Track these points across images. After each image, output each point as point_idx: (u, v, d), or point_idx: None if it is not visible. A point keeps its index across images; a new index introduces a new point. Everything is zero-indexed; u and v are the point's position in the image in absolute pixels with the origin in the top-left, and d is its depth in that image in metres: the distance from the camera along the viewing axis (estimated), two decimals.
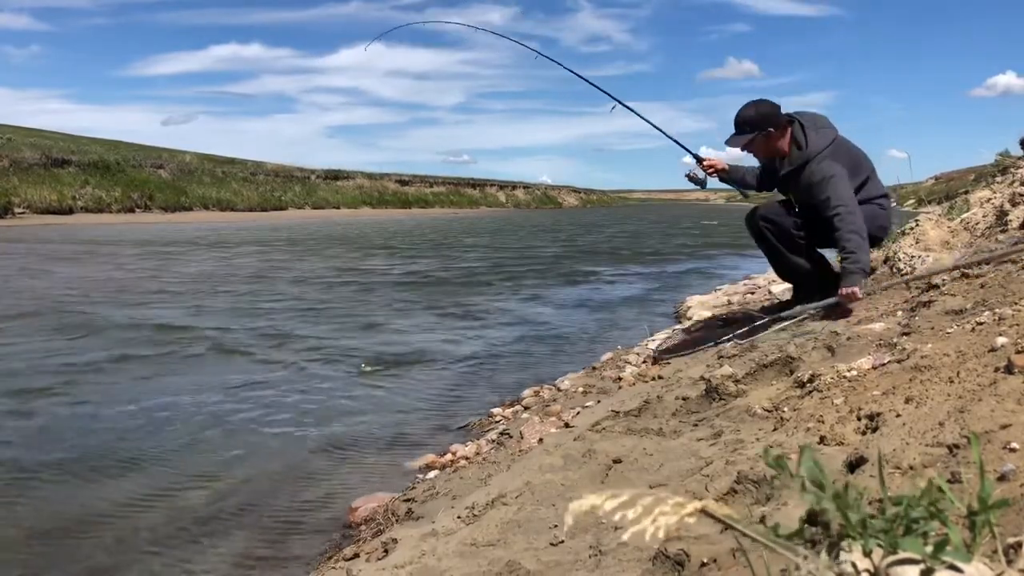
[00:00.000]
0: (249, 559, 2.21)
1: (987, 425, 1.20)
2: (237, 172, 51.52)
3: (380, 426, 3.49)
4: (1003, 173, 4.93)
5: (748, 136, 3.55)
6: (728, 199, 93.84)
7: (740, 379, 2.39)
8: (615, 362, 4.01)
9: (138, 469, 2.93)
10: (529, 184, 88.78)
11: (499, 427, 3.19)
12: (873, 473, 1.24)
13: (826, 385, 1.90)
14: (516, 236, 22.17)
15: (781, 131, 3.56)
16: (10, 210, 30.48)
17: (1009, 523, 0.87)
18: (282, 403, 3.84)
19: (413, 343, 5.42)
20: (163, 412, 3.66)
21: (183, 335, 5.67)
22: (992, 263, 2.62)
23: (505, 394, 3.92)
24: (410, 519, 2.22)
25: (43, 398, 3.88)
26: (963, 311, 2.20)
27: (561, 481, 1.93)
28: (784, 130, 3.57)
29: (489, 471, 2.44)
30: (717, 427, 2.04)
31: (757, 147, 3.59)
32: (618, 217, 45.44)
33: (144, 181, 40.77)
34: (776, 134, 3.55)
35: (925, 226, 3.75)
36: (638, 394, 2.89)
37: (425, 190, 67.45)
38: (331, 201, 53.72)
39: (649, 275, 9.56)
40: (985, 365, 1.50)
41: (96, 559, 2.21)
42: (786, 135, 3.59)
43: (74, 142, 51.15)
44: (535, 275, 10.38)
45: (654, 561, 1.28)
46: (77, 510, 2.54)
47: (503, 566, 1.52)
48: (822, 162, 3.48)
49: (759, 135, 3.54)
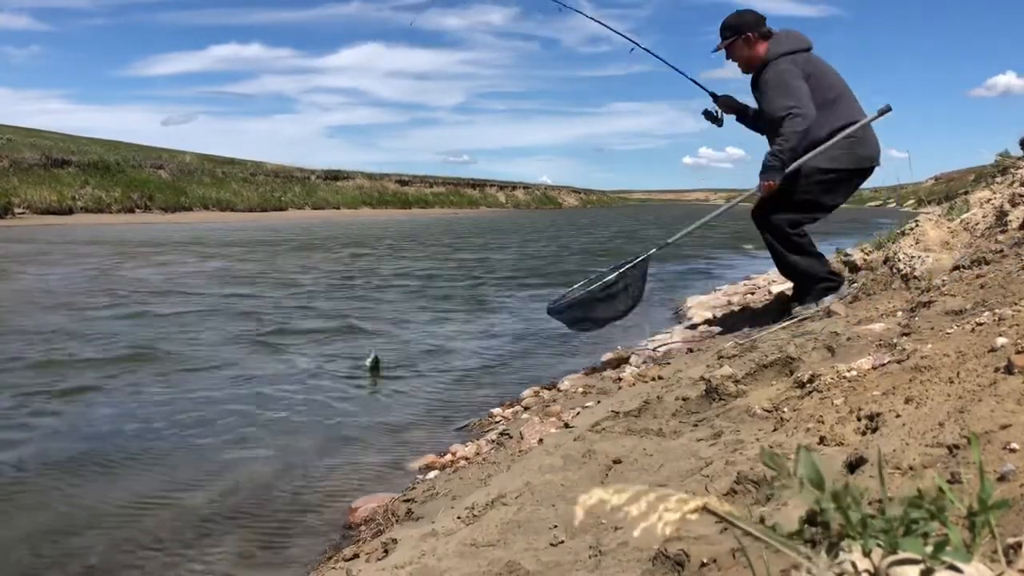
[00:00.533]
0: (249, 559, 2.21)
1: (987, 425, 1.20)
2: (237, 172, 51.52)
3: (380, 426, 3.49)
4: (1003, 173, 4.93)
5: (728, 40, 3.62)
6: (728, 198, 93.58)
7: (740, 379, 2.39)
8: (615, 362, 4.01)
9: (137, 469, 2.93)
10: (529, 184, 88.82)
11: (499, 427, 3.19)
12: (873, 473, 1.24)
13: (826, 385, 1.90)
14: (516, 236, 22.18)
15: (760, 38, 3.58)
16: (10, 210, 30.48)
17: (1009, 523, 0.87)
18: (281, 403, 3.84)
19: (413, 343, 5.42)
20: (161, 412, 3.65)
21: (180, 335, 5.67)
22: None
23: (505, 394, 3.92)
24: (410, 519, 2.22)
25: (41, 398, 3.88)
26: (963, 311, 2.20)
27: (561, 481, 1.93)
28: (764, 38, 3.58)
29: (489, 471, 2.44)
30: (717, 427, 2.04)
31: (737, 52, 3.63)
32: (617, 217, 45.43)
33: (144, 181, 40.76)
34: (754, 39, 3.57)
35: (925, 226, 3.75)
36: (638, 394, 2.88)
37: (425, 190, 67.45)
38: (331, 201, 53.72)
39: (649, 275, 9.55)
40: (985, 365, 1.50)
41: (96, 559, 2.21)
42: (764, 43, 3.58)
43: (74, 142, 51.16)
44: (535, 275, 10.38)
45: (654, 561, 1.28)
46: (76, 510, 2.53)
47: (503, 566, 1.52)
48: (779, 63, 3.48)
49: (738, 39, 3.59)
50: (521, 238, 21.13)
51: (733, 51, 3.63)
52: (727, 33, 3.62)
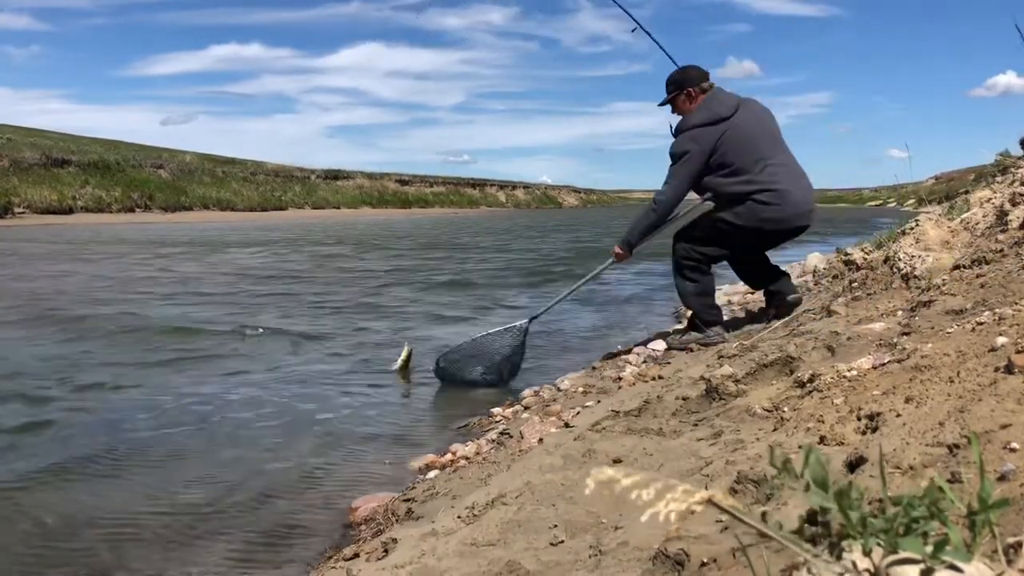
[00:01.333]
0: (249, 559, 2.21)
1: (987, 425, 1.20)
2: (237, 172, 51.53)
3: (380, 425, 3.49)
4: (1003, 173, 4.93)
5: (671, 95, 3.87)
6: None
7: (740, 379, 2.39)
8: (615, 362, 4.02)
9: (136, 469, 2.93)
10: (529, 184, 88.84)
11: (499, 427, 3.19)
12: (873, 473, 1.24)
13: (826, 385, 1.90)
14: (517, 236, 22.18)
15: (700, 92, 3.78)
16: (10, 210, 30.49)
17: (1009, 523, 0.87)
18: (281, 403, 3.84)
19: (413, 342, 5.41)
20: (160, 411, 3.65)
21: (178, 334, 5.67)
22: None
23: (505, 394, 3.92)
24: (410, 519, 2.22)
25: (40, 398, 3.88)
26: (963, 311, 2.20)
27: (561, 481, 1.93)
28: (704, 92, 3.79)
29: (489, 471, 2.44)
30: (717, 427, 2.04)
31: (680, 106, 3.85)
32: (618, 217, 45.42)
33: (144, 181, 40.77)
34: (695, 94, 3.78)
35: (925, 226, 3.75)
36: (638, 394, 2.89)
37: (425, 190, 67.47)
38: (331, 201, 53.73)
39: (649, 274, 9.55)
40: (985, 365, 1.50)
41: (95, 559, 2.21)
42: (697, 100, 3.79)
43: (74, 142, 51.17)
44: (535, 274, 10.38)
45: (654, 561, 1.28)
46: (76, 510, 2.53)
47: (503, 566, 1.52)
48: (683, 139, 3.72)
49: (680, 94, 3.83)
50: (521, 239, 21.13)
51: (676, 105, 3.88)
52: (670, 88, 3.87)
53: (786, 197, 3.67)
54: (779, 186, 3.65)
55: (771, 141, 3.77)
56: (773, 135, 3.82)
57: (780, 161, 3.73)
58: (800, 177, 3.79)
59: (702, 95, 3.78)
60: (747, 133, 3.68)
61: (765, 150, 3.69)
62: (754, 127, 3.72)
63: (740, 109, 3.72)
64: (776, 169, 3.68)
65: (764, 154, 3.67)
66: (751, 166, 3.64)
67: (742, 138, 3.66)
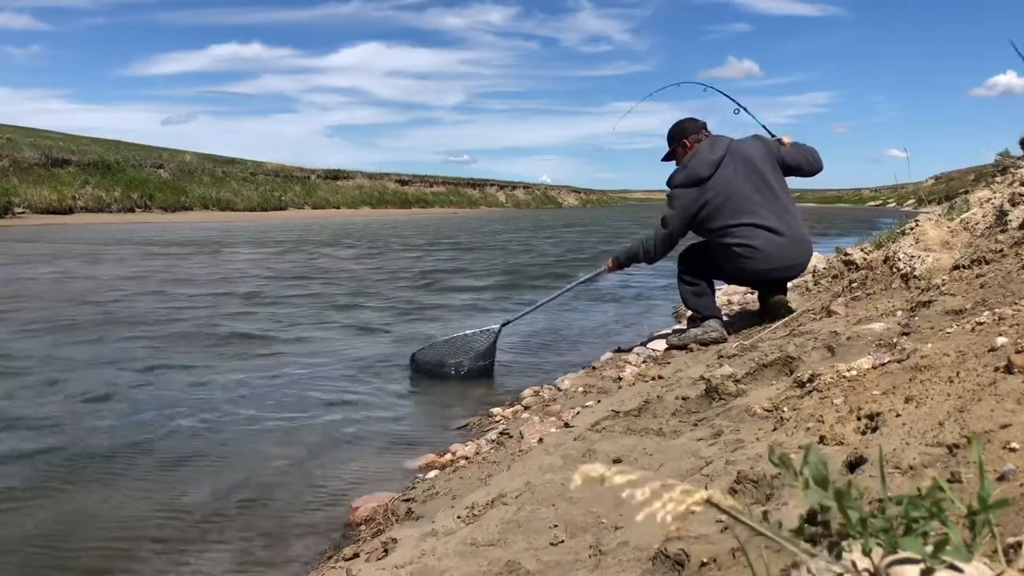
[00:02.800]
0: (249, 559, 2.21)
1: (987, 425, 1.20)
2: (237, 172, 51.50)
3: (380, 425, 3.49)
4: (1003, 173, 4.92)
5: (671, 148, 4.12)
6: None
7: (740, 379, 2.39)
8: (615, 362, 4.02)
9: (136, 469, 2.92)
10: (529, 184, 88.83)
11: (499, 427, 3.19)
12: (873, 473, 1.24)
13: (826, 385, 1.90)
14: (516, 235, 22.18)
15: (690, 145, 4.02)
16: (10, 210, 30.47)
17: (1009, 523, 0.87)
18: (281, 403, 3.84)
19: (412, 342, 5.42)
20: (160, 411, 3.65)
21: (176, 335, 5.67)
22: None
23: (505, 394, 3.92)
24: (410, 519, 2.22)
25: (38, 399, 3.88)
26: (963, 311, 2.20)
27: (561, 481, 1.93)
28: (692, 145, 4.02)
29: (489, 471, 2.44)
30: (717, 427, 2.04)
31: (679, 157, 4.08)
32: (619, 216, 45.43)
33: (144, 181, 40.73)
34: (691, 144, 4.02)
35: (925, 226, 3.75)
36: (638, 394, 2.89)
37: (425, 190, 67.45)
38: (331, 201, 53.72)
39: (649, 274, 9.55)
40: (985, 365, 1.50)
41: (95, 559, 2.21)
42: (692, 150, 4.01)
43: (74, 142, 51.15)
44: (534, 273, 10.38)
45: (654, 561, 1.28)
46: (75, 510, 2.53)
47: (503, 566, 1.52)
48: (670, 193, 3.98)
49: (678, 147, 4.08)
50: (521, 238, 21.14)
51: (675, 157, 4.11)
52: (671, 143, 4.12)
53: (767, 253, 3.81)
54: (757, 243, 3.80)
55: (757, 191, 3.83)
56: (761, 181, 3.85)
57: (764, 215, 3.80)
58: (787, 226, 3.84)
59: (697, 143, 4.00)
60: (727, 192, 3.81)
61: (746, 206, 3.80)
62: (734, 184, 3.81)
63: (723, 164, 3.83)
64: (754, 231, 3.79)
65: (745, 210, 3.80)
66: (731, 223, 3.82)
67: (721, 198, 3.82)
